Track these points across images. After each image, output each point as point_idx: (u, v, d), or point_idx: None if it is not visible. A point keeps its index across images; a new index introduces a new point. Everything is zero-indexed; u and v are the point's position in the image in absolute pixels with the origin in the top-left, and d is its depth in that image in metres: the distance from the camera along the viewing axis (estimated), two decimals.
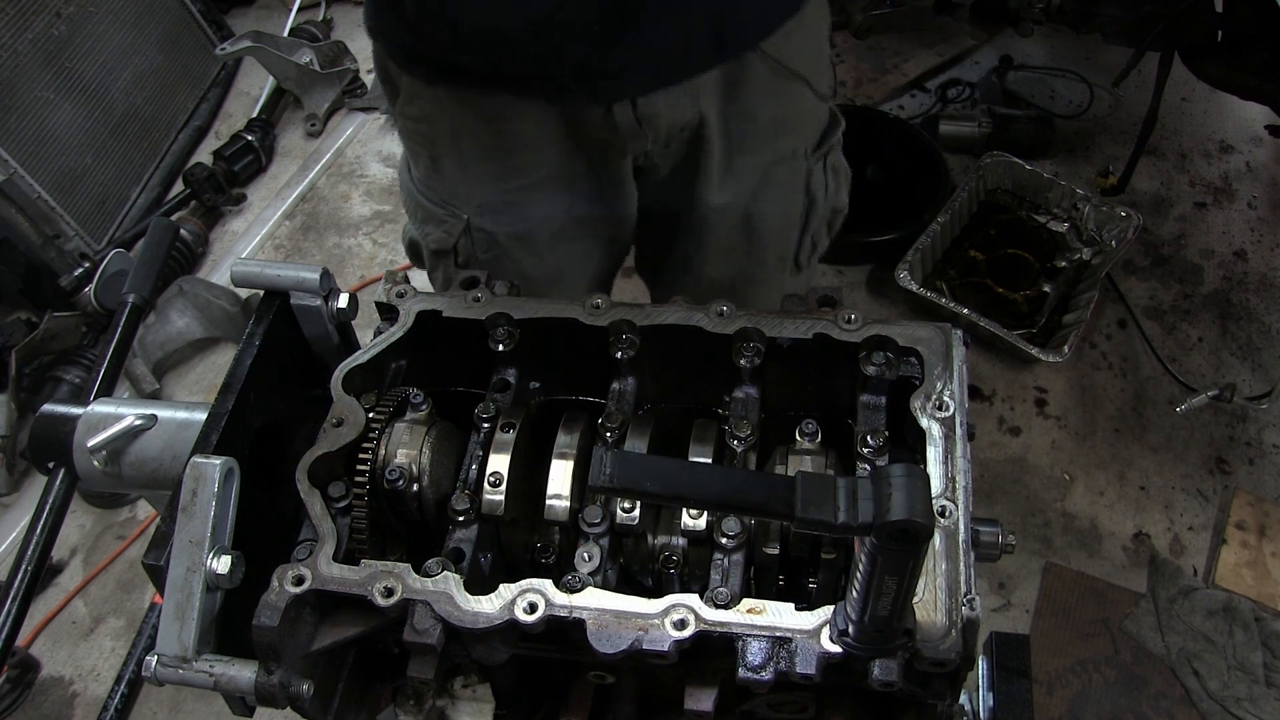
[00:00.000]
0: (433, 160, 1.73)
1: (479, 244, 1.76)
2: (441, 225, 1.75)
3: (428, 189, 1.77)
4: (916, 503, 0.84)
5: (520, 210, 1.74)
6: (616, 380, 1.40)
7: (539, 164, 1.69)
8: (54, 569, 3.16)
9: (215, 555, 1.13)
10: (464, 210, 1.74)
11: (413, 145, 1.77)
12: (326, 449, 1.22)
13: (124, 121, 3.93)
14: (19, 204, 3.42)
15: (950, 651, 1.04)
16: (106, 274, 1.77)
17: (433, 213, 1.77)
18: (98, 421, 1.35)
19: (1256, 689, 2.63)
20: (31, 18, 3.51)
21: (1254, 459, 3.10)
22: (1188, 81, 3.62)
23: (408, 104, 1.68)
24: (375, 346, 1.33)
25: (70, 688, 2.94)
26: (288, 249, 3.95)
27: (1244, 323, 3.41)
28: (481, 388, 1.41)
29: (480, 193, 1.72)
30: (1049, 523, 2.99)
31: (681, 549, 1.27)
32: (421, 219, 1.80)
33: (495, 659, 1.17)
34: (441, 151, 1.71)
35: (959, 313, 3.23)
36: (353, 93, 4.36)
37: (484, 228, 1.75)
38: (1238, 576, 2.84)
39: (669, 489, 0.93)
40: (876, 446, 1.25)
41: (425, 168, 1.76)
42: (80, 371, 3.34)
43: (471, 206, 1.73)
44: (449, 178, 1.73)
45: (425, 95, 1.64)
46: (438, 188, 1.76)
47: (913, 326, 1.29)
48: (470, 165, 1.70)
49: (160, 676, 1.11)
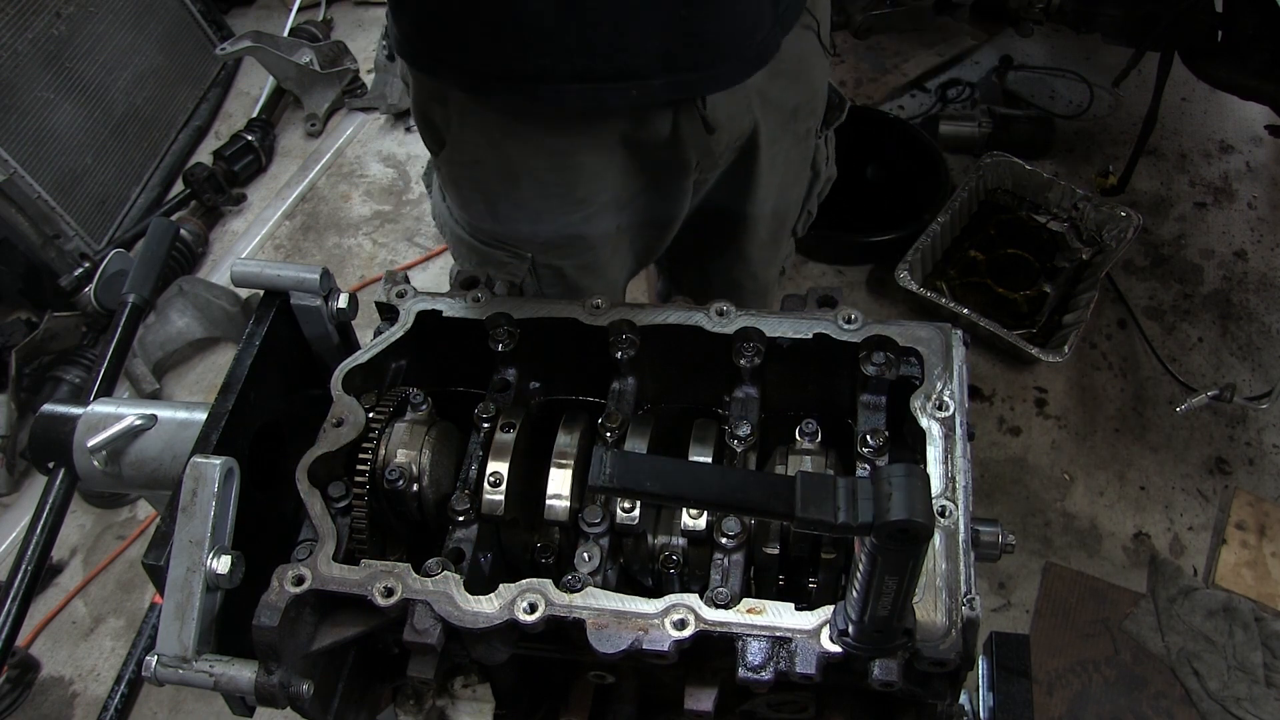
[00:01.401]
0: (488, 204, 1.67)
1: (545, 279, 1.72)
2: (504, 267, 1.69)
3: (483, 233, 1.71)
4: (916, 503, 0.84)
5: (584, 240, 1.69)
6: (616, 380, 1.40)
7: (601, 191, 1.63)
8: (54, 569, 3.16)
9: (215, 555, 1.13)
10: (526, 249, 1.68)
11: (463, 192, 1.69)
12: (326, 449, 1.22)
13: (124, 121, 3.92)
14: (19, 204, 3.42)
15: (950, 651, 1.04)
16: (106, 274, 1.77)
17: (491, 256, 1.71)
18: (98, 421, 1.35)
19: (1256, 689, 2.63)
20: (31, 18, 3.50)
21: (1254, 459, 3.10)
22: (1188, 81, 3.62)
23: (456, 150, 1.62)
24: (375, 346, 1.33)
25: (70, 688, 2.94)
26: (288, 249, 3.95)
27: (1244, 323, 3.41)
28: (481, 388, 1.41)
29: (541, 230, 1.66)
30: (1049, 523, 2.98)
31: (681, 549, 1.27)
32: (479, 263, 1.73)
33: (495, 659, 1.17)
34: (498, 194, 1.65)
35: (959, 313, 3.23)
36: (353, 93, 4.36)
37: (550, 263, 1.70)
38: (1238, 576, 2.84)
39: (669, 489, 0.93)
40: (876, 446, 1.25)
41: (479, 212, 1.69)
42: (80, 371, 3.34)
43: (535, 245, 1.68)
44: (507, 219, 1.67)
45: (478, 139, 1.58)
46: (495, 230, 1.69)
47: (913, 326, 1.29)
48: (529, 204, 1.64)
49: (160, 676, 1.12)
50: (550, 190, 1.61)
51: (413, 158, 4.18)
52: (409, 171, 4.15)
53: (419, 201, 4.03)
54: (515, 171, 1.59)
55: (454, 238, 1.77)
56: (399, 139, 4.26)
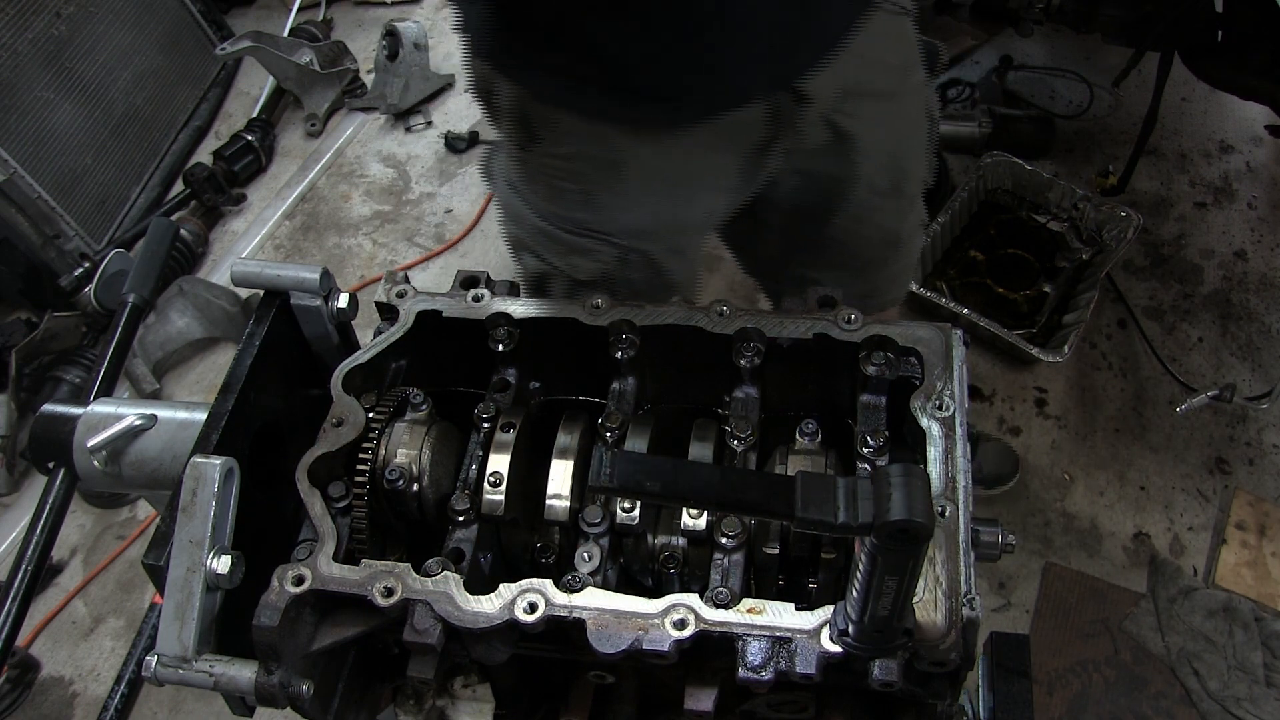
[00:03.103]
0: (585, 194, 1.63)
1: (634, 266, 1.69)
2: (590, 255, 1.67)
3: (571, 222, 1.67)
4: (916, 503, 0.84)
5: (680, 223, 1.69)
6: (616, 380, 1.40)
7: (705, 173, 1.63)
8: (54, 569, 3.16)
9: (215, 555, 1.13)
10: (618, 236, 1.65)
11: (558, 183, 1.64)
12: (326, 449, 1.22)
13: (124, 121, 3.93)
14: (19, 204, 3.42)
15: (950, 651, 1.04)
16: (106, 274, 1.77)
17: (578, 244, 1.67)
18: (98, 421, 1.35)
19: (1256, 689, 2.63)
20: (31, 18, 3.50)
21: (1254, 459, 3.09)
22: (1188, 81, 3.62)
23: (557, 144, 1.57)
24: (375, 346, 1.33)
25: (70, 688, 2.94)
26: (288, 249, 3.95)
27: (1244, 323, 3.41)
28: (481, 388, 1.41)
29: (640, 217, 1.65)
30: (1049, 523, 2.98)
31: (681, 549, 1.27)
32: (562, 253, 1.69)
33: (495, 659, 1.17)
34: (597, 185, 1.61)
35: (959, 313, 3.23)
36: (353, 93, 4.36)
37: (641, 248, 1.68)
38: (1238, 576, 2.84)
39: (669, 489, 0.93)
40: (876, 446, 1.25)
41: (573, 202, 1.65)
42: (80, 371, 3.34)
43: (629, 231, 1.66)
44: (604, 208, 1.64)
45: (583, 131, 1.54)
46: (587, 220, 1.66)
47: (913, 326, 1.29)
48: (631, 193, 1.61)
49: (160, 676, 1.12)
50: (653, 177, 1.60)
51: (413, 158, 4.19)
52: (409, 171, 4.15)
53: (419, 201, 4.03)
54: (618, 161, 1.57)
55: (532, 229, 1.72)
56: (399, 139, 4.26)
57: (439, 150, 4.18)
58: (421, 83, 4.28)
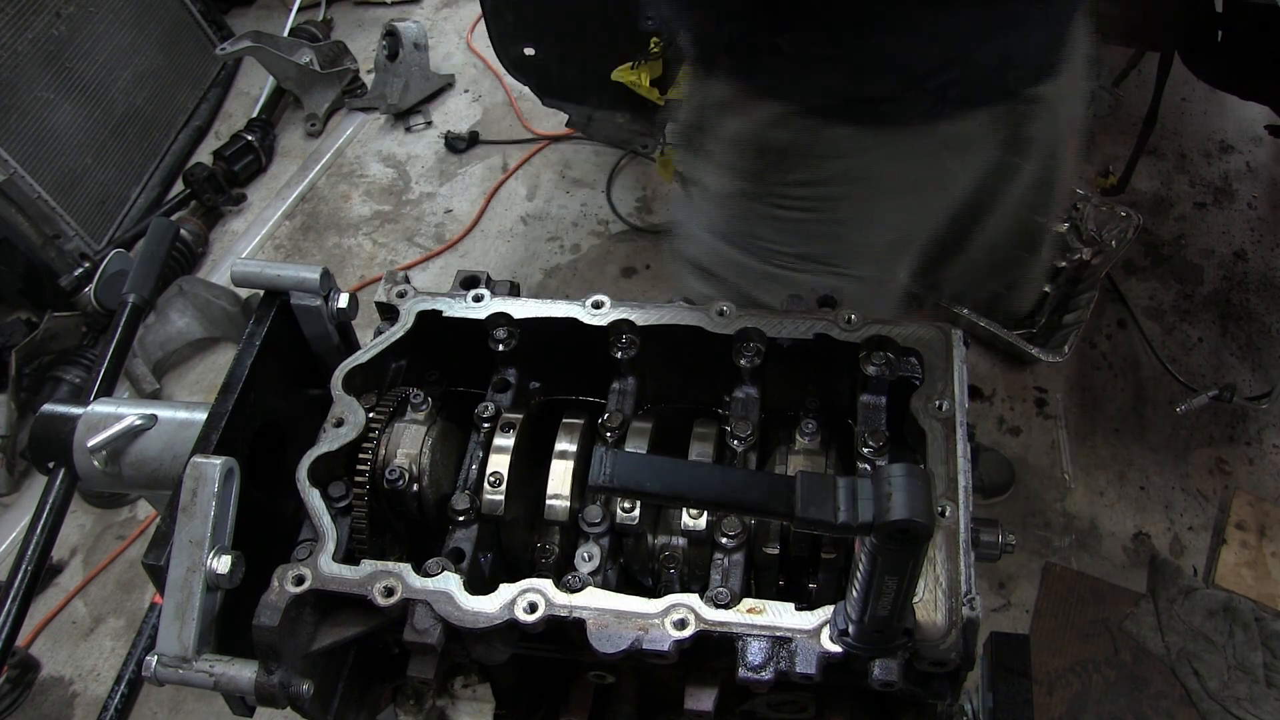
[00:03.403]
0: (828, 222, 1.56)
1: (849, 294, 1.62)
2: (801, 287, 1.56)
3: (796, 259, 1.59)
4: (916, 503, 0.84)
5: (907, 239, 1.63)
6: (616, 380, 1.40)
7: (941, 179, 1.59)
8: (54, 569, 3.15)
9: (215, 555, 1.13)
10: (855, 269, 1.59)
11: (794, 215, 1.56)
12: (326, 449, 1.22)
13: (124, 121, 3.92)
14: (19, 204, 3.42)
15: (950, 651, 1.04)
16: (106, 274, 1.77)
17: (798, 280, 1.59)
18: (98, 421, 1.35)
19: (1256, 689, 2.63)
20: (31, 18, 3.50)
21: (1254, 459, 3.09)
22: (1188, 81, 3.62)
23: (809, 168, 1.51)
24: (375, 346, 1.33)
25: (70, 688, 2.94)
26: (288, 249, 3.95)
27: (1244, 323, 3.41)
28: (481, 388, 1.41)
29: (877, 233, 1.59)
30: (1049, 523, 2.98)
31: (681, 549, 1.27)
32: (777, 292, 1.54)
33: (495, 659, 1.17)
34: (845, 205, 1.55)
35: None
36: (353, 93, 4.36)
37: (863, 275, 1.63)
38: (1238, 576, 2.84)
39: (669, 489, 0.93)
40: (876, 446, 1.25)
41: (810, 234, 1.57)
42: (80, 371, 3.34)
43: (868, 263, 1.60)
44: (849, 239, 1.58)
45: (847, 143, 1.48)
46: (824, 252, 1.59)
47: (913, 326, 1.29)
48: (877, 207, 1.56)
49: (160, 676, 1.12)
50: (901, 186, 1.56)
51: (413, 158, 4.19)
52: (409, 171, 4.15)
53: (419, 201, 4.03)
54: (872, 174, 1.52)
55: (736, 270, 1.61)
56: (399, 139, 4.26)
57: (439, 150, 4.18)
58: (421, 83, 4.28)
